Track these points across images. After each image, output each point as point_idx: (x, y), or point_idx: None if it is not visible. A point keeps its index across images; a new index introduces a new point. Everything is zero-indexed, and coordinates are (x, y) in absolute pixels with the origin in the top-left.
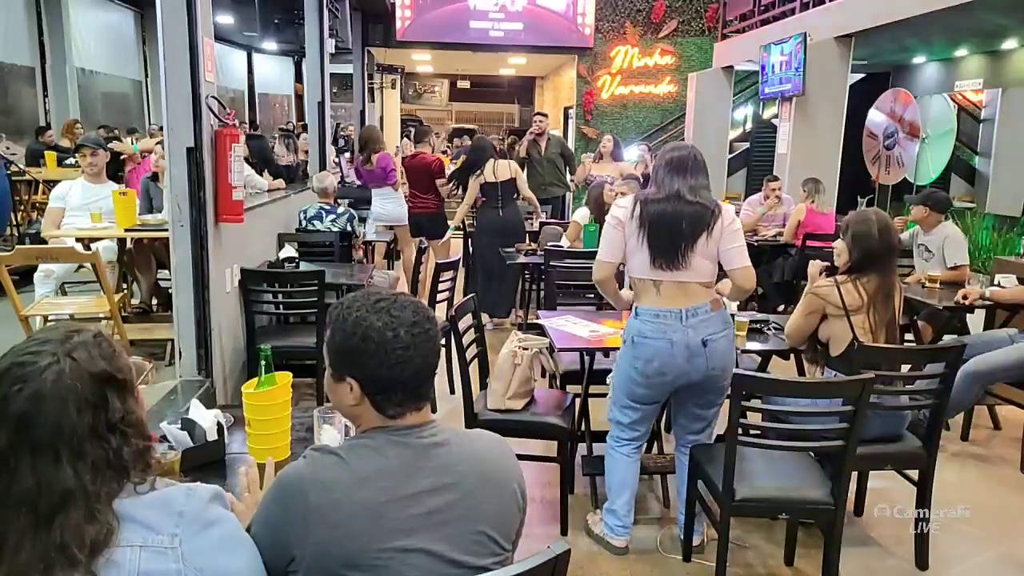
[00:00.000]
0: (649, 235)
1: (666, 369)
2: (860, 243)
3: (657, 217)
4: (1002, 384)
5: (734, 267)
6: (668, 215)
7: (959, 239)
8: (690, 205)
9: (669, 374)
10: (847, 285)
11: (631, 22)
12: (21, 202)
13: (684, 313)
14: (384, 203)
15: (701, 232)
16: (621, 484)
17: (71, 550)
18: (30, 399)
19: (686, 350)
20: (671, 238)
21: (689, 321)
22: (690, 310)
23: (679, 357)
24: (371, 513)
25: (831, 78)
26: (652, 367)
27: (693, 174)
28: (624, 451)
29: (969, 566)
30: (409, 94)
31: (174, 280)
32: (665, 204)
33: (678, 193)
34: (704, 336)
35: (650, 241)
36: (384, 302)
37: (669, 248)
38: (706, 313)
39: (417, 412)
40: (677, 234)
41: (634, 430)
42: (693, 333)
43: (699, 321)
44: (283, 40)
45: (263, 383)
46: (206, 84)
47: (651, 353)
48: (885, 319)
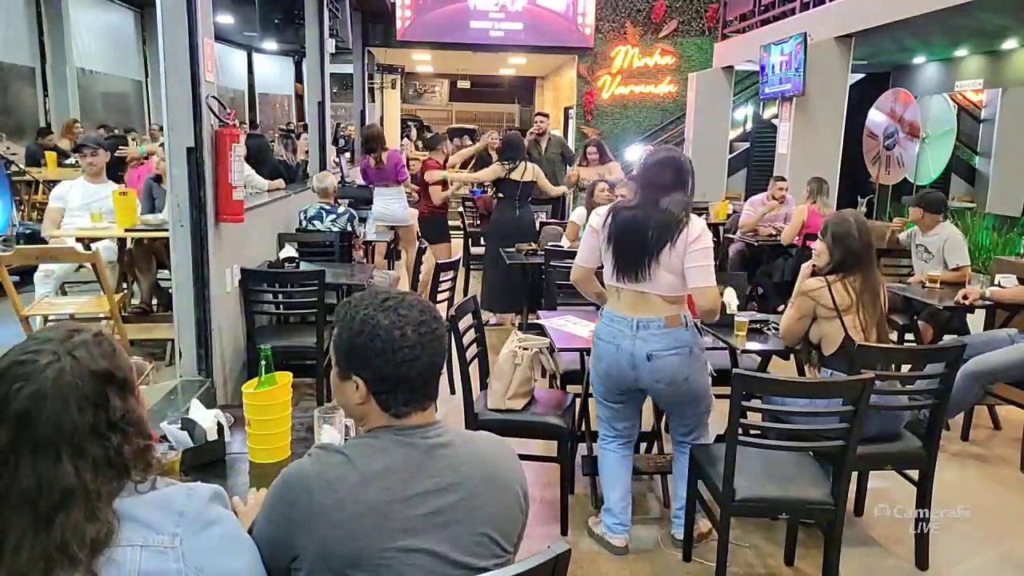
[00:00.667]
0: (614, 244)
1: (612, 372)
2: (841, 243)
3: (623, 226)
4: (1002, 384)
5: (695, 286)
6: (633, 225)
7: (958, 240)
8: (659, 214)
9: (615, 377)
10: (837, 285)
11: (631, 22)
12: (21, 202)
13: (636, 323)
14: (388, 203)
15: (664, 244)
16: (612, 480)
17: (71, 549)
18: (31, 398)
19: (630, 358)
20: (633, 249)
21: (639, 332)
22: (642, 321)
23: (624, 363)
24: (375, 512)
25: (831, 78)
26: (601, 367)
27: (672, 182)
28: (611, 447)
29: (969, 566)
30: (409, 94)
31: (174, 280)
32: (633, 213)
33: (651, 201)
34: (650, 350)
35: (614, 250)
36: (392, 301)
37: (631, 259)
38: (658, 328)
39: (422, 412)
40: (640, 245)
41: (613, 427)
42: (641, 344)
43: (649, 334)
44: (283, 40)
45: (263, 383)
46: (206, 84)
47: (600, 354)
48: (875, 317)
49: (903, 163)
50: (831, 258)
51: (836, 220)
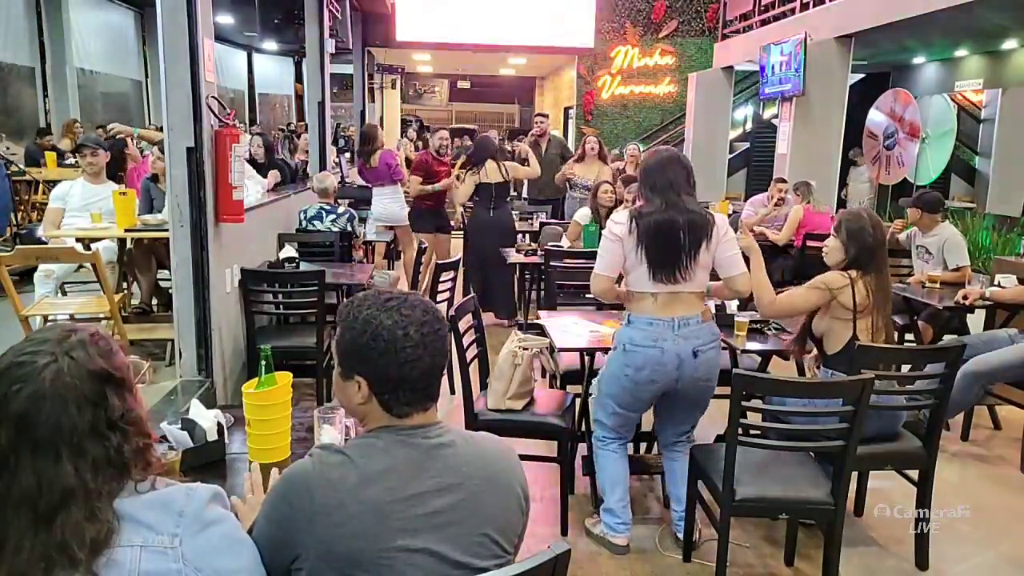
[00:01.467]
0: (648, 250)
1: (656, 377)
2: (856, 239)
3: (654, 231)
4: (1002, 384)
5: (733, 274)
6: (665, 228)
7: (958, 241)
8: (686, 214)
9: (659, 382)
10: (859, 284)
11: (631, 22)
12: (21, 202)
13: (676, 322)
14: (384, 202)
15: (699, 243)
16: (612, 480)
17: (72, 549)
18: (29, 399)
19: (676, 359)
20: (670, 251)
21: (681, 331)
22: (682, 319)
23: (669, 365)
24: (376, 512)
25: (831, 78)
26: (643, 375)
27: (684, 181)
28: (610, 448)
29: (969, 566)
30: (409, 94)
31: (174, 280)
32: (661, 216)
33: (672, 203)
34: (695, 346)
35: (649, 256)
36: (394, 301)
37: (669, 261)
38: (697, 324)
39: (424, 412)
40: (676, 246)
41: (618, 432)
42: (684, 343)
43: (691, 331)
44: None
45: (263, 383)
46: (206, 84)
47: (642, 361)
48: (886, 320)
49: (903, 163)
50: (845, 255)
51: (850, 216)
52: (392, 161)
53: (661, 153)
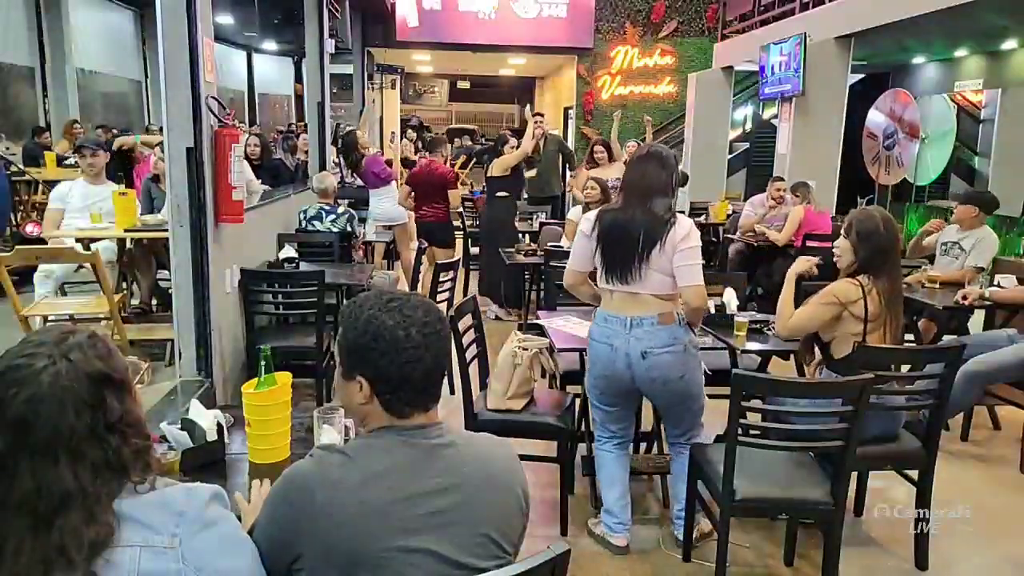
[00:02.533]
0: (603, 248)
1: (607, 372)
2: (867, 240)
3: (609, 230)
4: (1002, 384)
5: (683, 284)
6: (619, 228)
7: (993, 242)
8: (643, 216)
9: (610, 377)
10: (872, 292)
11: (631, 22)
12: (21, 202)
13: (629, 321)
14: (381, 203)
15: (652, 245)
16: (609, 480)
17: (71, 552)
18: (27, 402)
19: (625, 358)
20: (622, 251)
21: (633, 331)
22: (635, 319)
23: (619, 363)
24: (377, 512)
25: (831, 78)
26: (597, 369)
27: (661, 182)
28: (607, 447)
29: (969, 566)
30: (409, 94)
31: (174, 280)
32: (619, 216)
33: (635, 204)
34: (645, 348)
35: (603, 254)
36: (396, 301)
37: (620, 261)
38: (652, 325)
39: (425, 413)
40: (628, 247)
41: (608, 429)
42: (635, 342)
43: (643, 332)
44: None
45: (263, 383)
46: (206, 84)
47: (595, 355)
48: (898, 327)
49: (903, 163)
50: (855, 257)
51: (861, 216)
52: (376, 168)
53: (643, 151)
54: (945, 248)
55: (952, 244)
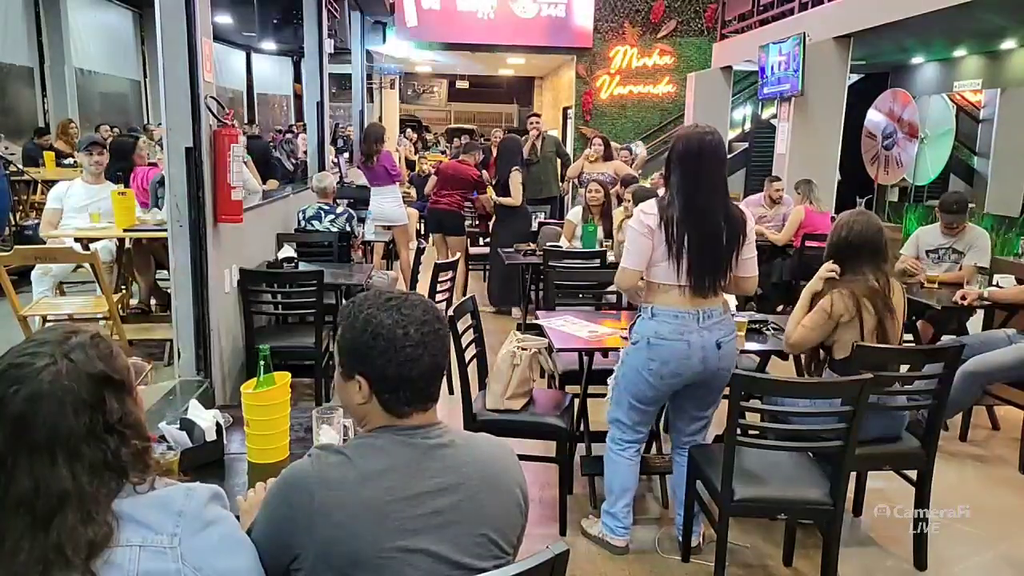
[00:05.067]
0: (689, 253)
1: (681, 370)
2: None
3: (694, 234)
4: (1001, 384)
5: (747, 275)
6: (706, 231)
7: (988, 239)
8: (726, 218)
9: (684, 375)
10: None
11: (630, 22)
12: (20, 202)
13: (701, 314)
14: (382, 203)
15: (738, 242)
16: (623, 487)
17: (68, 551)
18: (27, 400)
19: (701, 351)
20: (713, 258)
21: (705, 323)
22: (706, 311)
23: (695, 358)
24: (376, 512)
25: (830, 78)
26: (668, 368)
27: (722, 176)
28: (626, 454)
29: (968, 566)
30: (408, 94)
31: (173, 280)
32: (700, 217)
33: (713, 200)
34: (718, 338)
35: (690, 260)
36: (395, 300)
37: (710, 262)
38: (720, 315)
39: (424, 412)
40: (718, 253)
41: (637, 431)
42: (708, 335)
43: (714, 323)
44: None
45: (262, 383)
46: (205, 84)
47: (668, 354)
48: (896, 326)
49: (902, 163)
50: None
51: (841, 223)
52: (389, 164)
53: (697, 141)
54: (937, 256)
55: (945, 250)
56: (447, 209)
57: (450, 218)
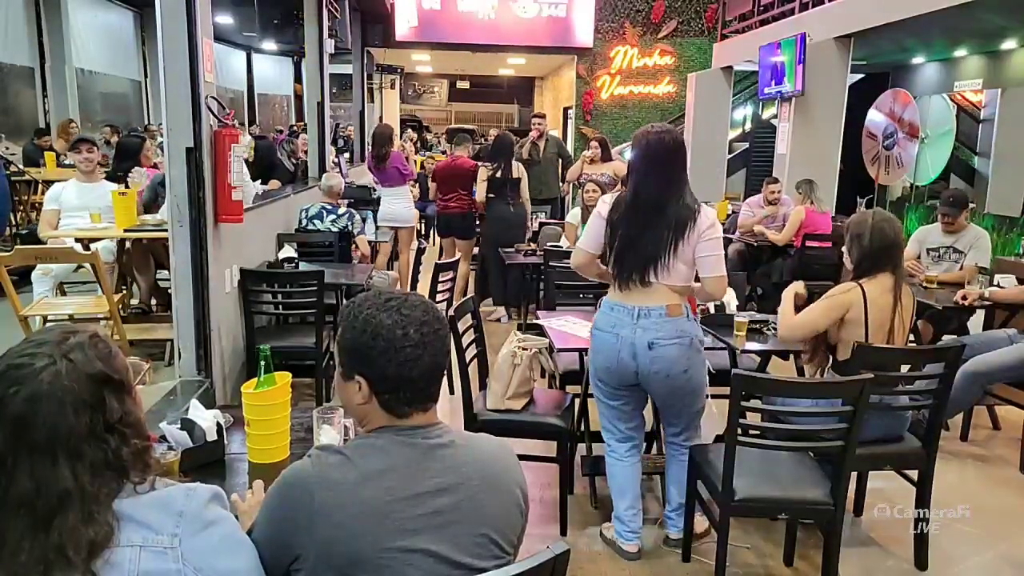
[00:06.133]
0: (624, 240)
1: (610, 363)
2: (855, 245)
3: (631, 221)
4: (1002, 384)
5: (706, 275)
6: (643, 224)
7: (988, 239)
8: (669, 209)
9: (612, 368)
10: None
11: (630, 22)
12: (20, 202)
13: (637, 311)
14: (393, 203)
15: (681, 235)
16: (620, 489)
17: (69, 551)
18: (27, 401)
19: (631, 347)
20: (647, 247)
21: (640, 321)
22: (643, 309)
23: (624, 353)
24: (376, 512)
25: (830, 78)
26: (599, 359)
27: (671, 169)
28: (616, 454)
29: (968, 566)
30: (408, 94)
31: (173, 280)
32: (636, 211)
33: (656, 196)
34: (652, 338)
35: (621, 251)
36: (395, 301)
37: (645, 256)
38: (660, 316)
39: (424, 413)
40: (654, 243)
41: (618, 429)
42: (641, 333)
43: (651, 322)
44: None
45: (262, 383)
46: (205, 84)
47: (599, 346)
48: (905, 329)
49: (902, 163)
50: (850, 263)
51: (855, 220)
52: (400, 164)
53: (653, 132)
54: (937, 255)
55: (946, 249)
56: (457, 211)
57: (460, 220)
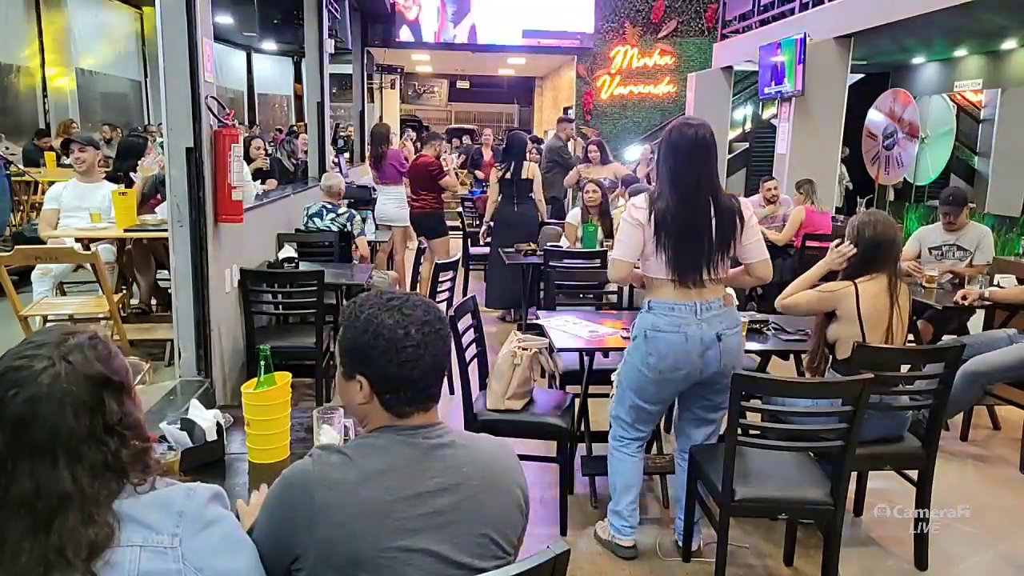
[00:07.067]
0: (671, 249)
1: (680, 364)
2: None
3: (678, 231)
4: (1002, 384)
5: (754, 260)
6: (690, 228)
7: (991, 236)
8: (715, 207)
9: (683, 369)
10: (867, 293)
11: (630, 22)
12: (20, 202)
13: (699, 307)
14: (386, 203)
15: (731, 236)
16: (625, 485)
17: (69, 553)
18: (26, 403)
19: (700, 344)
20: (695, 254)
21: (704, 315)
22: (704, 304)
23: (693, 352)
24: (377, 512)
25: (830, 78)
26: (666, 362)
27: (712, 169)
28: (628, 451)
29: (969, 566)
30: (408, 94)
31: (173, 280)
32: (685, 214)
33: (699, 194)
34: (718, 330)
35: (673, 253)
36: (396, 301)
37: (693, 264)
38: (719, 308)
39: (424, 413)
40: (702, 249)
41: (638, 430)
42: (707, 327)
43: (713, 315)
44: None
45: (262, 383)
46: (205, 84)
47: (666, 347)
48: (903, 327)
49: (902, 163)
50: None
51: (852, 221)
52: (398, 162)
53: (687, 134)
54: (940, 252)
55: (948, 246)
56: (420, 211)
57: (426, 220)
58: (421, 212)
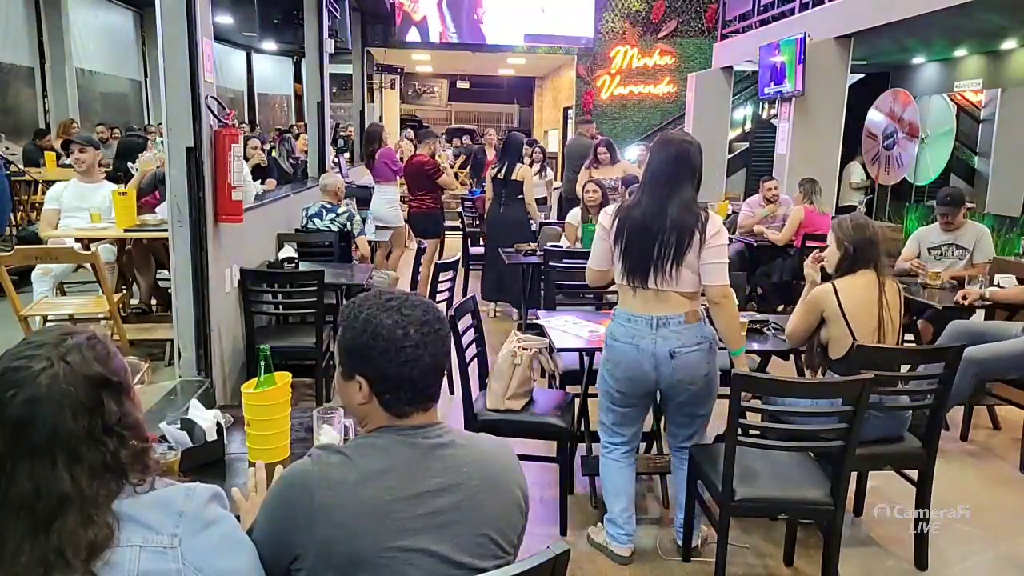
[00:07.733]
0: (624, 249)
1: (631, 375)
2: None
3: (633, 231)
4: (1002, 384)
5: (707, 283)
6: (643, 228)
7: (990, 235)
8: (674, 211)
9: (635, 380)
10: (843, 288)
11: (631, 22)
12: (20, 202)
13: (655, 320)
14: (380, 202)
15: (685, 242)
16: (615, 491)
17: (68, 554)
18: (25, 404)
19: (652, 358)
20: (646, 254)
21: (660, 330)
22: (662, 318)
23: (645, 364)
24: (376, 512)
25: (830, 78)
26: (620, 371)
27: (680, 176)
28: (613, 456)
29: (969, 566)
30: (409, 94)
31: (173, 280)
32: (643, 216)
33: (660, 198)
34: (673, 347)
35: (624, 256)
36: (395, 301)
37: (643, 264)
38: (679, 324)
39: (424, 412)
40: (657, 247)
41: (618, 434)
42: (662, 342)
43: (670, 331)
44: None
45: (262, 383)
46: (205, 84)
47: (619, 356)
48: (894, 325)
49: (902, 163)
50: (840, 256)
51: (837, 222)
52: (390, 160)
53: (668, 141)
54: (939, 252)
55: (948, 246)
56: (417, 211)
57: (420, 221)
58: (417, 212)
